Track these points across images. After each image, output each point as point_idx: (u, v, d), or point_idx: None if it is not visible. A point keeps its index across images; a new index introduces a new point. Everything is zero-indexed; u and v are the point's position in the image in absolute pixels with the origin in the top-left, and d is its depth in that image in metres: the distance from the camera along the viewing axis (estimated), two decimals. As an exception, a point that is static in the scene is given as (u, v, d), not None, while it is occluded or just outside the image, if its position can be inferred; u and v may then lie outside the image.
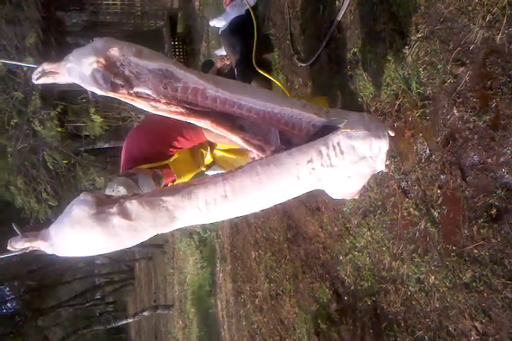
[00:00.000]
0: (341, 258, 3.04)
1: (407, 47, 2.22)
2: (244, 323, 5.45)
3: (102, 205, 1.51)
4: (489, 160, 1.78)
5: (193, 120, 1.94)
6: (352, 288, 2.91)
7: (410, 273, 2.31)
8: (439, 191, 2.08)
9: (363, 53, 2.61)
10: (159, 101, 1.94)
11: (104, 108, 8.62)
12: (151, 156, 2.22)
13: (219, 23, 4.78)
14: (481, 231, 1.82)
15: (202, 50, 7.63)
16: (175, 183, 2.30)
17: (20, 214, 7.84)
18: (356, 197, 2.00)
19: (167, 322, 13.05)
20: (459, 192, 1.95)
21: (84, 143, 8.60)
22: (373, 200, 2.65)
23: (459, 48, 1.90)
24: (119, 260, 25.25)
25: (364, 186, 1.86)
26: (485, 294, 1.81)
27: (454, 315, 1.98)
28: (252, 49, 4.07)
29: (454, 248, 1.99)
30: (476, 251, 1.85)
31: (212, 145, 2.68)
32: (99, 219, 1.50)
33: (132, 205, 1.52)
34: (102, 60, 1.74)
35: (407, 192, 2.33)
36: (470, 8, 1.82)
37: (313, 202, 3.40)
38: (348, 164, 1.60)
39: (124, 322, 14.62)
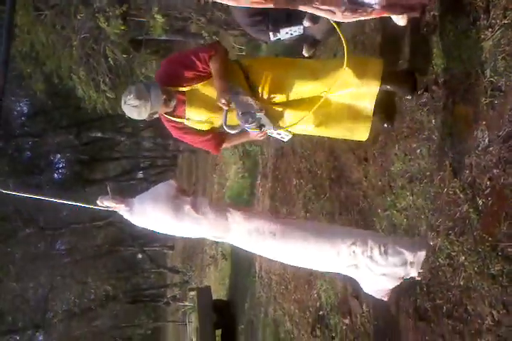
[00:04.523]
0: (379, 211, 3.18)
1: (490, 29, 2.13)
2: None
3: (181, 192, 1.83)
4: (545, 170, 1.81)
5: None
6: (384, 241, 3.09)
7: (443, 247, 2.45)
8: (488, 182, 2.14)
9: (443, 21, 2.50)
10: None
11: (167, 7, 8.44)
12: (171, 78, 2.69)
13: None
14: (520, 234, 1.91)
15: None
16: (186, 111, 2.73)
17: (81, 103, 8.24)
18: (385, 299, 2.09)
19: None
20: (507, 191, 2.00)
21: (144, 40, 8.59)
22: (422, 169, 2.71)
23: (544, 49, 1.83)
24: (165, 145, 26.23)
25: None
26: (507, 290, 1.95)
27: (475, 298, 2.15)
28: None
29: (489, 239, 2.10)
30: (510, 249, 1.96)
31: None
32: (174, 203, 1.80)
33: (202, 201, 1.84)
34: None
35: (457, 172, 2.39)
36: None
37: (363, 152, 3.47)
38: (388, 264, 1.82)
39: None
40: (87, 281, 16.98)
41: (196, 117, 2.78)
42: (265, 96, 2.80)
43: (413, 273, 1.86)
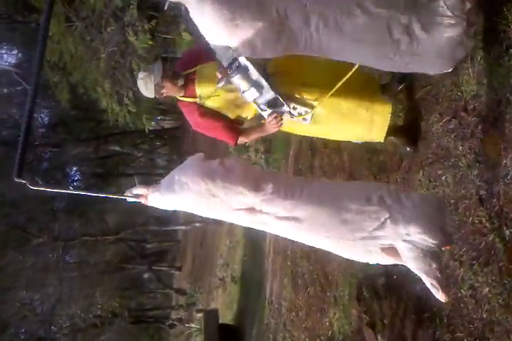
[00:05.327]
0: (399, 238, 3.11)
1: (525, 57, 2.11)
2: (289, 264, 5.75)
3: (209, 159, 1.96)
4: None
5: None
6: (404, 270, 3.01)
7: (466, 278, 2.37)
8: (517, 212, 2.08)
9: (475, 48, 2.47)
10: None
11: (194, 25, 8.59)
12: (185, 63, 3.00)
13: None
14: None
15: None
16: (196, 88, 2.88)
17: (103, 116, 8.37)
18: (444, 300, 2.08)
19: (214, 236, 13.78)
20: (537, 221, 1.94)
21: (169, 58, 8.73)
22: (447, 196, 2.65)
23: None
24: (180, 162, 26.28)
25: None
26: (535, 325, 1.87)
27: (499, 332, 2.07)
28: None
29: (516, 271, 2.03)
30: (538, 283, 1.89)
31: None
32: (204, 165, 1.93)
33: (230, 161, 1.97)
34: None
35: (483, 201, 2.33)
36: None
37: (385, 177, 3.42)
38: (416, 205, 1.93)
39: (174, 228, 15.56)
40: (93, 296, 16.85)
41: (206, 91, 2.85)
42: (285, 78, 2.75)
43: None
